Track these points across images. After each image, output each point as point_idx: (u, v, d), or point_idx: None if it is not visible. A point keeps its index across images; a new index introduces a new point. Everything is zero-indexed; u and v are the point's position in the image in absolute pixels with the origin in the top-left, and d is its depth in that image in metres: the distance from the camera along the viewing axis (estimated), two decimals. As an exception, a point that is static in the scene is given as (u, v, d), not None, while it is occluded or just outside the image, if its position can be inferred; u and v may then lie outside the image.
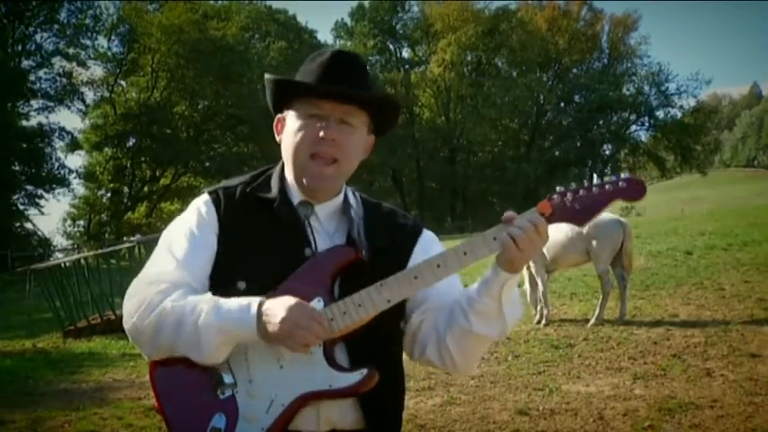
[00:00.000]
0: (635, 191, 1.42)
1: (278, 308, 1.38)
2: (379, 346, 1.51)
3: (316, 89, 1.50)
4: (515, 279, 1.47)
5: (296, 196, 1.57)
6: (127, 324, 1.49)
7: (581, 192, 1.43)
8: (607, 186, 1.43)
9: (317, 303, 1.45)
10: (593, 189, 1.43)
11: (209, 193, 1.59)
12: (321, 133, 1.48)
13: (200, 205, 1.58)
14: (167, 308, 1.43)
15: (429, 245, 1.63)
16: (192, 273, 1.50)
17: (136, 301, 1.47)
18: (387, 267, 1.49)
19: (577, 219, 1.44)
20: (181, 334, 1.42)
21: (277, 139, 1.61)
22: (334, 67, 1.52)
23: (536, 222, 1.41)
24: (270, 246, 1.52)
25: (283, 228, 1.54)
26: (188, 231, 1.54)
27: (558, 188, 1.46)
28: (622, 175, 1.44)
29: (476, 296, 1.49)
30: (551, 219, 1.43)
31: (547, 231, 1.43)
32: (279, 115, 1.61)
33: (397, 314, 1.54)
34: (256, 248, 1.52)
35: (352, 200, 1.61)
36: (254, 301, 1.41)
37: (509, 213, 1.45)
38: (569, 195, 1.44)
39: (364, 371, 1.43)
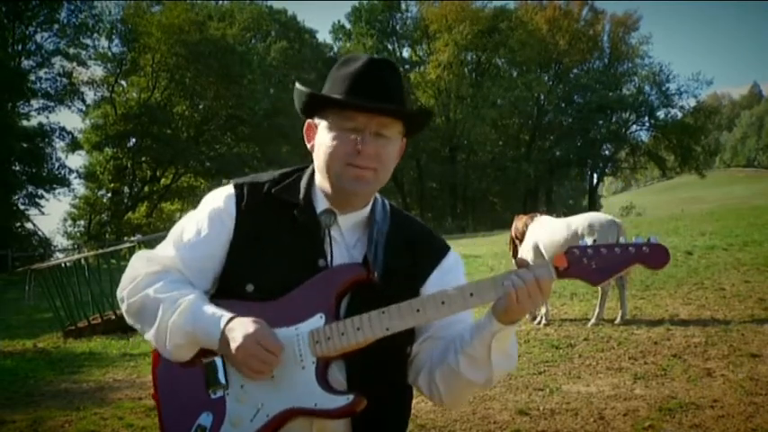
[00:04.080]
0: (657, 258, 1.37)
1: (238, 331, 1.38)
2: (380, 369, 1.47)
3: (352, 105, 1.46)
4: (509, 331, 1.41)
5: (321, 204, 1.54)
6: (119, 294, 1.56)
7: (602, 250, 1.39)
8: (630, 249, 1.38)
9: (319, 320, 1.44)
10: (615, 249, 1.39)
11: (236, 187, 1.57)
12: (358, 147, 1.45)
13: (223, 197, 1.56)
14: (150, 296, 1.48)
15: (448, 271, 1.58)
16: (187, 263, 1.52)
17: (130, 274, 1.54)
18: (400, 289, 1.46)
19: (592, 278, 1.39)
20: (154, 326, 1.47)
21: (308, 145, 1.57)
22: (368, 77, 1.47)
23: (540, 278, 1.36)
24: (284, 251, 1.50)
25: (301, 234, 1.51)
26: (199, 223, 1.55)
27: (580, 242, 1.41)
28: (648, 240, 1.39)
29: (468, 338, 1.45)
30: (566, 273, 1.39)
31: (549, 289, 1.38)
32: (309, 121, 1.55)
33: (405, 339, 1.51)
34: (270, 251, 1.50)
35: (379, 213, 1.57)
36: (225, 316, 1.42)
37: (522, 259, 1.41)
38: (589, 252, 1.39)
39: (351, 396, 1.40)
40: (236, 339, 1.37)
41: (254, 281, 1.48)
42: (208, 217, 1.54)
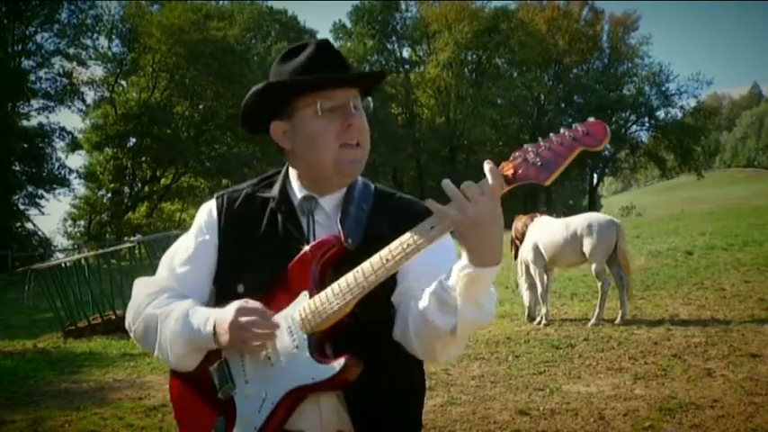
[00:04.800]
0: (596, 134, 1.22)
1: (224, 317, 1.42)
2: (367, 337, 1.43)
3: (344, 80, 1.49)
4: (483, 276, 1.30)
5: (299, 192, 1.56)
6: (127, 324, 1.63)
7: (542, 144, 1.27)
8: (566, 134, 1.25)
9: (304, 297, 1.44)
10: (553, 139, 1.26)
11: (216, 198, 1.64)
12: (348, 122, 1.47)
13: (206, 211, 1.63)
14: (148, 314, 1.54)
15: None
16: (181, 281, 1.59)
17: (133, 301, 1.62)
18: None
19: (540, 176, 1.26)
20: (157, 341, 1.52)
21: (282, 144, 1.55)
22: (328, 54, 1.50)
23: (468, 193, 1.30)
24: (267, 246, 1.53)
25: (281, 226, 1.54)
26: (188, 241, 1.63)
27: (525, 145, 1.31)
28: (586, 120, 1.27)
29: (441, 281, 1.36)
30: (514, 179, 1.29)
31: (479, 197, 1.29)
32: (278, 122, 1.54)
33: (387, 304, 1.49)
34: (254, 250, 1.54)
35: (358, 190, 1.57)
36: (213, 312, 1.46)
37: (443, 180, 1.33)
38: (531, 151, 1.27)
39: (342, 360, 1.38)
40: (224, 321, 1.41)
41: (243, 281, 1.51)
42: (194, 233, 1.62)
